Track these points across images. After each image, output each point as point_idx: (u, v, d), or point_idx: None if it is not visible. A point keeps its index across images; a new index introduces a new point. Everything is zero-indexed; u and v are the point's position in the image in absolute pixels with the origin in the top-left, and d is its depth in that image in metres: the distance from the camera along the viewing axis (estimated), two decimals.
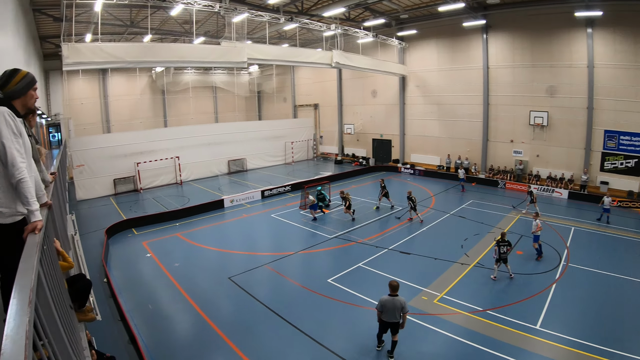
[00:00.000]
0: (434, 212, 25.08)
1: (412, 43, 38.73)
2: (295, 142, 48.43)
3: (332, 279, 16.42)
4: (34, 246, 3.02)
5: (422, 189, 31.83)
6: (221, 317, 14.22)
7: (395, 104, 41.51)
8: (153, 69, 47.71)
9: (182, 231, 23.65)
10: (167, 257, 19.89)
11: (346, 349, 11.73)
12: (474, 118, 34.87)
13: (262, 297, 15.33)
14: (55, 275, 3.63)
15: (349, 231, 22.25)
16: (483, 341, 11.66)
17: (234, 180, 39.12)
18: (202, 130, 41.58)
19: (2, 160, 3.53)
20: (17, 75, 3.87)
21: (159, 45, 25.62)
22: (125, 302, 15.07)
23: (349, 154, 48.09)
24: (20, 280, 2.44)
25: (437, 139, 38.45)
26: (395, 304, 10.59)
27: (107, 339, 12.74)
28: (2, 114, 3.52)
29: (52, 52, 34.89)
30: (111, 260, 19.77)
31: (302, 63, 32.86)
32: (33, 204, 3.58)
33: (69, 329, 3.42)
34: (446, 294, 14.73)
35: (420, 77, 38.91)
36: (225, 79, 53.84)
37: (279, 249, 20.45)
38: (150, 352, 12.09)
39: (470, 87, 34.62)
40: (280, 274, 17.47)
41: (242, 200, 29.52)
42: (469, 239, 20.27)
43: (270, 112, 56.74)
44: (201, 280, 17.38)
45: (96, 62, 21.17)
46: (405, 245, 19.76)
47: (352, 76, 45.33)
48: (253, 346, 12.26)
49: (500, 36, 32.16)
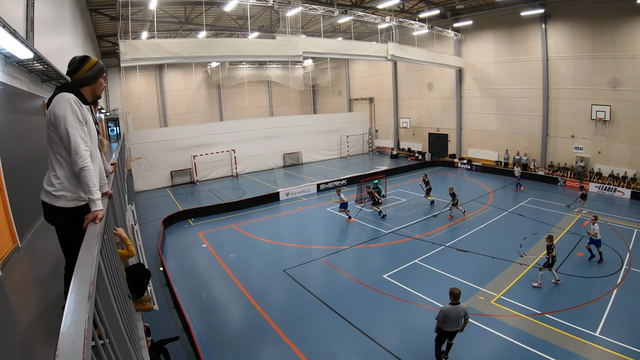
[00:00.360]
0: (492, 210, 24.35)
1: (468, 34, 37.52)
2: (351, 136, 48.16)
3: (388, 275, 16.24)
4: (95, 236, 2.99)
5: (480, 185, 31.09)
6: (274, 308, 14.40)
7: (452, 98, 40.44)
8: (208, 65, 48.46)
9: (238, 223, 24.03)
10: (222, 248, 20.27)
11: (398, 346, 11.60)
12: (533, 112, 33.37)
13: (315, 290, 15.39)
14: (115, 266, 3.65)
15: (406, 227, 21.94)
16: (540, 345, 11.19)
17: (289, 173, 39.45)
18: (257, 124, 42.20)
19: (65, 147, 3.59)
20: (88, 62, 3.93)
21: (214, 40, 25.93)
22: (180, 291, 15.54)
23: (405, 149, 47.25)
24: (80, 272, 2.40)
25: (494, 134, 37.18)
26: (459, 312, 10.05)
27: (161, 326, 13.18)
28: (68, 101, 3.59)
29: (110, 50, 36.02)
30: (167, 250, 20.31)
31: (357, 56, 32.68)
32: (95, 192, 3.60)
33: (126, 319, 3.44)
34: (503, 294, 14.25)
35: (477, 69, 37.68)
36: (280, 73, 54.00)
37: (334, 243, 20.47)
38: (202, 340, 12.41)
39: (529, 80, 33.11)
40: (334, 267, 17.47)
41: (298, 193, 29.66)
42: (528, 238, 19.42)
43: (325, 105, 56.76)
44: (255, 272, 17.62)
45: (153, 58, 21.78)
46: (463, 243, 19.29)
47: (407, 69, 44.51)
48: (304, 338, 12.32)
49: (560, 26, 30.53)
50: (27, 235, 8.18)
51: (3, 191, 7.29)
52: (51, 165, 3.75)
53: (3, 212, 7.27)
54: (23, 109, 9.86)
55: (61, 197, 3.70)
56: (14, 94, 9.01)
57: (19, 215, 7.71)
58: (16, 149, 8.62)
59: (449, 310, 9.98)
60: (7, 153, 7.70)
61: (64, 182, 3.69)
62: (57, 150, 3.68)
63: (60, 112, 3.56)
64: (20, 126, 9.34)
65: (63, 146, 3.62)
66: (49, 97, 3.82)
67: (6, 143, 7.77)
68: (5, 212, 7.32)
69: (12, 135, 8.50)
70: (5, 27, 6.41)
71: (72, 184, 3.68)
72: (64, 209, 3.72)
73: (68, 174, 3.67)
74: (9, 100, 8.47)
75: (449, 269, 16.40)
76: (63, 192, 3.69)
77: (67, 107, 3.57)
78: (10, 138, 8.26)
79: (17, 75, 9.47)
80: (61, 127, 3.55)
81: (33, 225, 8.76)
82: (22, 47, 7.62)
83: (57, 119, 3.56)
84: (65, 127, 3.53)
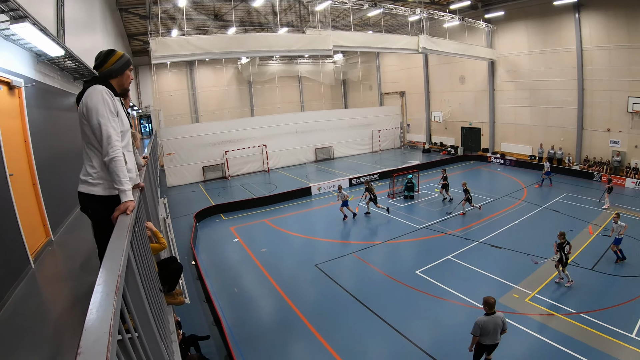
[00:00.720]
0: (526, 205, 23.71)
1: (500, 25, 36.50)
2: (382, 131, 47.77)
3: (420, 271, 16.03)
4: (125, 228, 2.96)
5: (513, 179, 30.43)
6: (305, 303, 14.38)
7: (485, 90, 39.58)
8: (239, 61, 48.87)
9: (270, 217, 24.16)
10: (254, 242, 20.39)
11: (429, 343, 11.42)
12: (567, 105, 32.23)
13: (347, 285, 15.34)
14: (146, 258, 3.61)
15: (438, 222, 21.65)
16: (574, 346, 10.85)
17: (321, 168, 39.45)
18: (288, 119, 42.38)
19: (97, 138, 3.62)
20: (114, 55, 3.97)
21: (244, 35, 26.07)
22: (211, 285, 15.72)
23: (437, 143, 46.54)
24: (108, 264, 2.33)
25: (528, 127, 36.17)
26: (497, 322, 9.12)
27: (192, 319, 13.35)
28: (100, 92, 3.64)
29: (140, 48, 36.53)
30: (199, 244, 20.53)
31: (388, 49, 32.40)
32: (125, 183, 3.61)
33: (157, 313, 3.39)
34: (538, 292, 13.85)
35: (509, 61, 36.67)
36: (310, 68, 54.02)
37: (366, 238, 20.36)
38: (233, 334, 12.49)
39: (563, 72, 32.03)
40: (366, 262, 17.36)
41: (330, 188, 29.52)
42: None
43: (356, 100, 56.44)
44: (287, 266, 17.66)
45: (183, 55, 21.99)
46: (496, 239, 18.85)
47: (438, 62, 43.85)
48: (335, 333, 12.27)
49: (594, 15, 29.30)
50: (59, 229, 8.32)
51: (36, 186, 7.41)
52: (86, 157, 3.80)
53: (36, 206, 7.40)
54: (56, 106, 10.02)
55: (97, 185, 3.74)
56: (46, 91, 9.15)
57: (52, 210, 7.85)
58: (49, 145, 8.77)
59: (485, 322, 9.08)
60: (40, 149, 7.84)
61: (100, 170, 3.74)
62: (91, 142, 3.73)
63: (92, 104, 3.61)
64: (53, 123, 9.50)
65: (95, 137, 3.66)
66: (78, 93, 3.88)
67: (39, 139, 7.89)
68: (38, 206, 7.44)
69: (45, 132, 8.64)
70: (35, 25, 6.45)
71: (106, 172, 3.72)
72: (99, 198, 3.76)
73: (102, 163, 3.71)
74: (41, 98, 8.60)
75: (483, 265, 16.07)
76: (99, 180, 3.74)
77: (99, 98, 3.62)
78: (44, 135, 8.39)
79: (49, 73, 9.62)
80: (93, 118, 3.60)
81: (66, 219, 8.90)
82: (53, 45, 7.73)
83: (89, 110, 3.62)
84: (97, 118, 3.58)
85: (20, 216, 6.16)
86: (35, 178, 7.44)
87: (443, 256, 17.29)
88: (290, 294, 14.95)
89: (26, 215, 6.59)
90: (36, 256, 6.64)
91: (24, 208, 6.47)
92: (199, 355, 11.00)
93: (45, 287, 6.05)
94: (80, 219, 9.34)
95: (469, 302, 13.24)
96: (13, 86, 6.91)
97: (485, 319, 9.13)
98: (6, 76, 6.55)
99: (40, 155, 7.76)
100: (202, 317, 13.76)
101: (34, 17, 6.30)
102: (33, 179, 7.42)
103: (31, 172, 7.40)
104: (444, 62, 42.54)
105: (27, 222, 6.58)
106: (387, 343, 11.72)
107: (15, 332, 4.69)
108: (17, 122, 7.20)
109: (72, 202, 9.30)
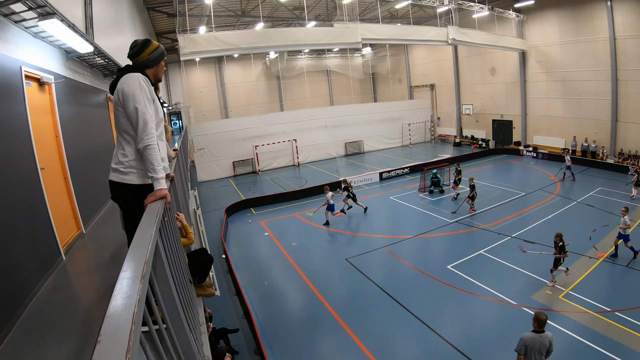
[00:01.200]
0: (559, 200, 23.07)
1: (531, 15, 35.40)
2: (412, 124, 47.27)
3: (452, 265, 15.75)
4: (154, 214, 2.92)
5: (546, 173, 29.72)
6: (335, 297, 14.33)
7: (516, 82, 38.52)
8: (267, 56, 48.98)
9: (300, 211, 24.18)
10: (285, 236, 20.45)
11: (459, 340, 11.17)
12: (601, 96, 30.98)
13: (377, 279, 15.20)
14: (176, 247, 3.56)
15: (470, 216, 21.29)
16: (608, 345, 10.48)
17: (351, 162, 39.32)
18: (318, 114, 42.18)
19: (133, 124, 3.61)
20: (151, 45, 3.98)
21: (272, 30, 26.03)
22: (241, 278, 15.84)
23: (468, 136, 45.66)
24: (134, 250, 2.25)
25: (561, 119, 35.04)
26: (544, 342, 7.93)
27: (222, 312, 13.49)
28: (137, 79, 3.63)
29: (169, 46, 36.86)
30: (230, 238, 20.73)
31: (417, 41, 32.00)
32: (159, 171, 3.56)
33: (186, 304, 3.34)
34: (572, 289, 13.43)
35: (541, 51, 35.57)
36: (339, 62, 53.72)
37: (397, 232, 20.13)
38: (263, 327, 12.55)
39: (596, 61, 30.79)
40: (397, 257, 17.18)
41: (360, 182, 29.37)
42: (598, 230, 18.14)
43: (386, 93, 55.82)
44: (317, 260, 17.65)
45: (212, 51, 22.18)
46: (530, 234, 18.34)
47: (468, 53, 42.96)
48: (365, 328, 12.21)
49: (626, 2, 28.05)
50: (91, 222, 8.44)
51: (67, 180, 7.54)
52: (119, 145, 3.78)
53: (67, 200, 7.54)
54: (86, 102, 10.20)
55: (129, 173, 3.72)
56: (76, 87, 9.31)
57: (83, 203, 7.97)
58: (80, 140, 8.95)
59: (531, 339, 7.93)
60: (71, 144, 7.99)
61: (133, 158, 3.71)
62: (125, 129, 3.70)
63: (129, 90, 3.59)
64: (83, 119, 9.67)
65: (130, 124, 3.64)
66: (110, 86, 3.90)
67: (70, 135, 8.05)
68: (69, 200, 7.56)
69: (76, 128, 8.80)
70: (63, 21, 6.52)
71: (140, 160, 3.68)
72: (130, 187, 3.74)
73: (136, 150, 3.67)
74: (72, 94, 8.76)
75: (515, 260, 15.67)
76: (131, 169, 3.71)
77: (136, 85, 3.60)
78: (74, 130, 8.56)
79: (79, 70, 9.79)
80: (130, 104, 3.57)
81: (97, 213, 9.04)
82: (82, 41, 7.84)
83: (125, 96, 3.59)
84: (134, 104, 3.56)
85: (52, 209, 6.28)
86: (67, 172, 7.57)
87: (475, 251, 16.96)
88: (320, 287, 14.93)
89: (57, 208, 6.72)
90: (67, 248, 6.77)
91: (55, 201, 6.60)
92: (227, 347, 11.07)
93: (75, 278, 6.17)
94: (110, 213, 9.50)
95: (501, 298, 12.97)
96: (43, 82, 7.04)
97: (532, 336, 8.02)
98: (36, 72, 6.66)
99: (71, 150, 7.90)
100: (232, 310, 13.86)
101: (62, 14, 6.37)
102: (64, 173, 7.55)
103: (62, 166, 7.54)
104: (474, 53, 41.72)
105: (59, 215, 6.71)
106: (417, 338, 11.60)
107: (46, 322, 4.83)
108: (48, 118, 7.33)
109: (103, 196, 9.47)
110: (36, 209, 5.99)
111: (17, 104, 5.88)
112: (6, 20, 5.82)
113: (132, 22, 19.11)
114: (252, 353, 11.53)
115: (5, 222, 5.10)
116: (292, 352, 11.51)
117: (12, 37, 6.04)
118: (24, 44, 6.45)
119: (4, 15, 5.69)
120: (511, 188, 24.81)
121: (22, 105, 5.99)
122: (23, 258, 5.39)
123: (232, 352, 11.11)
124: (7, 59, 5.73)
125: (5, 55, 5.68)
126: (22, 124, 5.95)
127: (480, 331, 11.62)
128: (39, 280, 5.54)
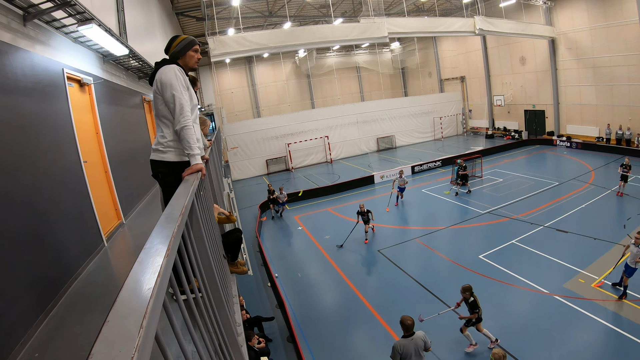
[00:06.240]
0: (594, 189, 22.62)
1: (558, 1, 34.54)
2: (444, 118, 46.95)
3: (484, 255, 15.73)
4: (190, 182, 3.17)
5: (580, 162, 29.08)
6: (368, 287, 14.48)
7: (547, 71, 37.68)
8: (296, 55, 49.49)
9: (333, 206, 24.48)
10: (318, 230, 20.75)
11: (493, 329, 10.99)
12: (634, 81, 29.99)
13: (410, 270, 15.29)
14: (209, 216, 3.93)
15: (502, 206, 21.12)
16: None
17: (383, 157, 39.36)
18: (349, 110, 42.29)
19: (170, 110, 4.06)
20: (177, 39, 4.42)
21: (299, 28, 26.26)
22: (275, 270, 16.19)
23: (500, 128, 44.98)
24: (169, 210, 2.20)
25: (594, 107, 34.08)
26: (418, 343, 8.15)
27: (257, 302, 13.98)
28: (173, 69, 4.08)
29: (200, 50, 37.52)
30: (264, 233, 21.20)
31: (444, 33, 31.76)
32: (194, 148, 3.99)
33: (220, 274, 3.69)
34: (605, 277, 13.20)
35: (570, 38, 34.60)
36: (368, 58, 53.62)
37: (429, 224, 20.19)
38: (296, 317, 12.83)
39: (628, 46, 29.79)
40: (430, 248, 17.24)
41: (393, 176, 29.30)
42: (632, 218, 17.76)
43: (416, 88, 55.32)
44: (351, 252, 17.77)
45: (241, 51, 22.69)
46: (563, 223, 18.08)
47: (497, 44, 42.34)
48: (398, 318, 12.27)
49: None
50: (130, 213, 8.97)
51: (108, 173, 8.09)
52: (158, 128, 4.25)
53: (109, 192, 8.09)
54: (123, 103, 10.78)
55: (167, 152, 4.16)
56: (114, 89, 9.89)
57: (123, 195, 8.52)
58: (119, 138, 9.53)
59: (404, 346, 8.11)
60: (111, 141, 8.58)
61: (171, 139, 4.16)
62: (164, 114, 4.16)
63: (166, 79, 4.04)
64: (121, 118, 10.27)
65: (168, 110, 4.10)
66: (149, 78, 4.37)
67: (109, 132, 8.63)
68: (110, 192, 8.10)
69: (115, 126, 9.40)
70: (100, 26, 7.04)
71: (178, 140, 4.14)
72: (169, 164, 4.18)
73: (174, 132, 4.14)
74: (110, 95, 9.36)
75: (548, 250, 15.53)
76: (169, 148, 4.16)
77: (172, 74, 4.05)
78: (113, 128, 9.15)
79: (115, 72, 10.38)
80: (167, 91, 4.02)
81: (136, 205, 9.59)
82: (118, 44, 8.35)
83: (163, 84, 4.05)
84: (171, 91, 4.00)
85: (95, 199, 6.83)
86: (107, 166, 8.11)
87: (507, 241, 16.88)
88: (353, 278, 15.14)
89: (100, 199, 7.27)
90: (109, 236, 7.30)
91: (97, 192, 7.15)
92: (261, 334, 11.46)
93: (115, 262, 6.69)
94: (148, 205, 10.00)
95: (534, 287, 12.92)
96: (83, 83, 7.61)
97: (403, 342, 8.16)
98: (76, 74, 7.21)
99: (111, 146, 8.46)
100: (267, 301, 14.26)
101: (99, 19, 6.91)
102: (105, 167, 8.10)
103: (103, 161, 8.09)
104: (503, 43, 41.12)
105: (101, 205, 7.26)
106: (450, 328, 11.49)
107: (87, 299, 5.41)
108: (89, 116, 7.89)
109: (142, 190, 9.99)
110: (81, 198, 6.55)
111: (61, 103, 6.43)
112: (48, 27, 6.36)
113: (163, 27, 19.78)
114: (286, 341, 11.84)
115: (55, 209, 5.64)
116: (324, 340, 11.71)
117: (55, 42, 6.59)
118: (65, 48, 6.99)
119: (46, 22, 6.22)
120: (544, 178, 24.54)
121: (66, 103, 6.54)
122: (70, 243, 5.96)
123: (267, 339, 11.49)
124: (51, 62, 6.29)
125: (49, 58, 6.23)
126: (66, 120, 6.51)
127: (514, 320, 11.60)
128: (83, 263, 6.10)
